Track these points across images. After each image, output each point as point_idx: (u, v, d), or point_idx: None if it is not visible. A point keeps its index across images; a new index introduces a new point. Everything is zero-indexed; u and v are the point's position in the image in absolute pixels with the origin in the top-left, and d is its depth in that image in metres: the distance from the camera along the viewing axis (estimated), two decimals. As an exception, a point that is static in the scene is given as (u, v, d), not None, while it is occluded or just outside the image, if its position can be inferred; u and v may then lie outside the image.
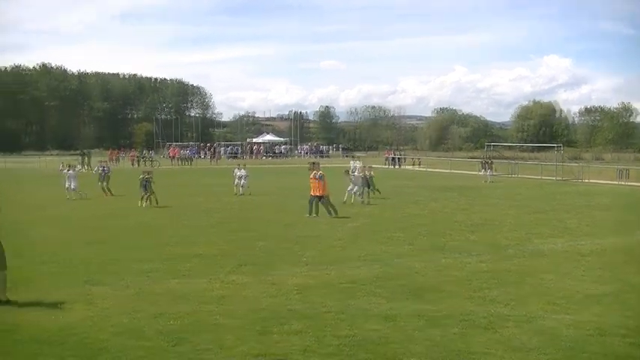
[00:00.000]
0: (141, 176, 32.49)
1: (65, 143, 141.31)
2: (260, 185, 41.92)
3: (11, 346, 10.39)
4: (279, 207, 31.25)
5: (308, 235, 22.45)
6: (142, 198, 31.62)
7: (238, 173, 37.99)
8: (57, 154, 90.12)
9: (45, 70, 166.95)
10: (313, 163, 30.35)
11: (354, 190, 33.18)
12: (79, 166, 61.58)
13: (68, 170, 36.93)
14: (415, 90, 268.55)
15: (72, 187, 35.90)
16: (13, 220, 23.64)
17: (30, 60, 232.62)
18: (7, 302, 12.89)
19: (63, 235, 22.56)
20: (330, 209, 27.33)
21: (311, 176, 27.94)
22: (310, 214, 27.09)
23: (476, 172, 60.04)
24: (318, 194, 27.44)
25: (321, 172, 28.16)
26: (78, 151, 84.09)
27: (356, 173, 34.75)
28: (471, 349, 10.20)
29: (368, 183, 34.24)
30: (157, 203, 31.47)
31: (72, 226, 24.84)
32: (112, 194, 37.58)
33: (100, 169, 40.26)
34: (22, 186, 44.09)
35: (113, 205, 32.13)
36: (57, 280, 15.28)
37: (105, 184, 38.53)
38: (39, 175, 57.42)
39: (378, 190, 35.79)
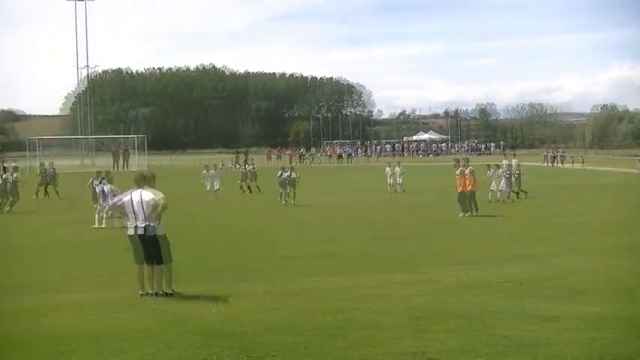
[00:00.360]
0: (280, 173, 32.80)
1: (227, 142, 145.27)
2: (414, 183, 41.81)
3: (181, 335, 10.82)
4: (432, 205, 31.04)
5: (458, 233, 22.25)
6: (281, 196, 32.09)
7: (392, 171, 37.99)
8: (218, 152, 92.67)
9: (207, 70, 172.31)
10: (459, 159, 29.97)
11: (500, 188, 32.57)
12: (230, 165, 63.18)
13: (209, 170, 37.94)
14: (574, 86, 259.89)
15: (215, 186, 36.91)
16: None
17: (192, 61, 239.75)
18: (172, 294, 13.48)
19: (211, 233, 23.31)
20: (473, 207, 26.97)
21: (457, 173, 27.63)
22: (465, 213, 26.80)
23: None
24: (465, 190, 27.09)
25: (470, 167, 27.79)
26: (242, 150, 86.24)
27: (499, 172, 33.94)
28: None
29: (514, 182, 33.49)
30: (294, 200, 31.81)
31: (220, 224, 25.56)
32: (257, 190, 38.68)
33: (250, 167, 41.30)
34: (182, 182, 45.87)
35: (257, 203, 32.90)
36: (214, 275, 15.81)
37: (249, 182, 39.62)
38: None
39: (524, 191, 34.76)
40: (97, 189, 26.68)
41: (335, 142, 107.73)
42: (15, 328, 11.51)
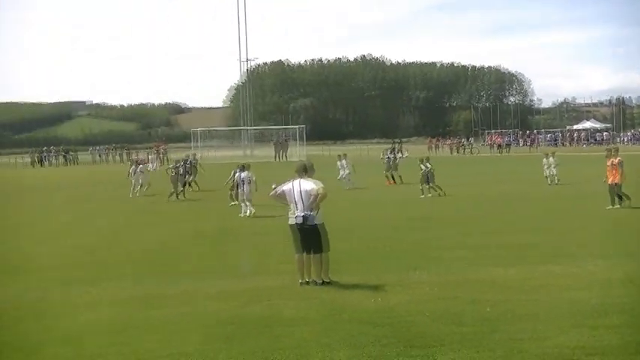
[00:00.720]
0: (421, 166, 32.27)
1: (385, 132, 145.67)
2: (573, 174, 40.37)
3: (339, 323, 10.95)
4: (587, 197, 29.78)
5: (611, 224, 21.44)
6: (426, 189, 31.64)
7: (548, 162, 36.94)
8: (377, 142, 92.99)
9: (366, 61, 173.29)
10: (610, 149, 28.64)
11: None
12: (381, 155, 63.38)
13: (341, 160, 38.06)
14: None
15: (343, 175, 37.02)
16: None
17: (351, 52, 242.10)
18: (329, 283, 13.62)
19: (379, 220, 23.32)
20: (624, 197, 25.79)
21: (608, 163, 26.47)
22: (613, 205, 25.70)
23: None
24: (615, 182, 25.97)
25: (619, 158, 26.57)
26: (397, 140, 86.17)
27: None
28: None
29: None
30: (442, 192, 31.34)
31: (385, 211, 25.55)
32: (399, 181, 38.59)
33: (399, 156, 41.35)
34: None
35: (396, 195, 32.75)
36: (380, 264, 15.86)
37: (392, 172, 39.59)
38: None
39: None
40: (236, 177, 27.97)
41: (494, 131, 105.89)
42: (190, 312, 12.00)
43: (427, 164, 32.03)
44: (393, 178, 39.99)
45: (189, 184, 36.92)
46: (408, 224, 22.75)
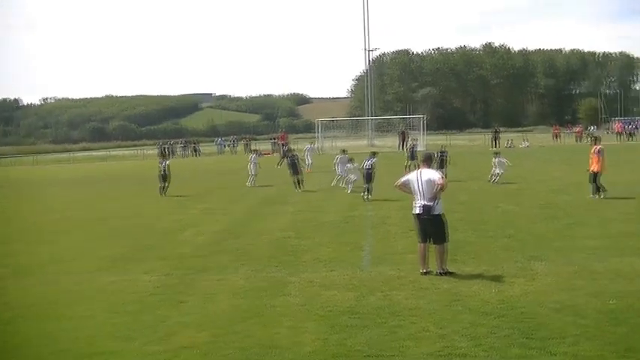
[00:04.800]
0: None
1: (512, 120, 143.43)
2: None
3: (456, 314, 10.96)
4: None
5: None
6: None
7: None
8: (503, 131, 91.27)
9: (490, 49, 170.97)
10: (595, 137, 27.80)
11: None
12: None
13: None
14: None
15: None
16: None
17: (475, 40, 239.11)
18: (448, 273, 13.59)
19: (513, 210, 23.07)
20: (600, 189, 24.75)
21: (591, 151, 25.58)
22: (593, 195, 24.81)
23: None
24: (594, 170, 25.04)
25: (600, 146, 25.54)
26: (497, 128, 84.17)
27: None
28: None
29: None
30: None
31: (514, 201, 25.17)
32: None
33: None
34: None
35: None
36: (503, 254, 15.67)
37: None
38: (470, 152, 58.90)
39: None
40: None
41: (619, 119, 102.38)
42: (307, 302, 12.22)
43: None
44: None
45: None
46: (530, 213, 22.38)
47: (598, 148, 25.75)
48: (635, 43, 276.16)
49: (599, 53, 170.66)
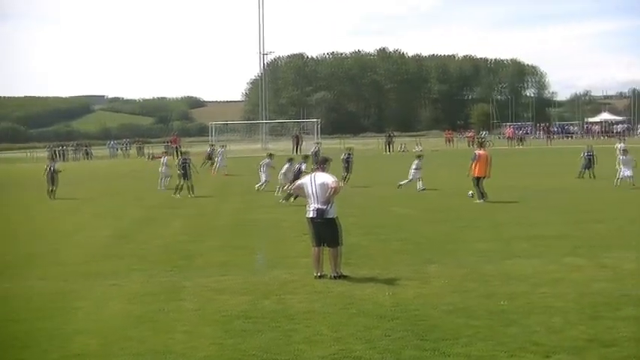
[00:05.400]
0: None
1: (403, 125, 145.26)
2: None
3: (351, 317, 10.93)
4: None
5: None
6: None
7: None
8: (397, 136, 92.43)
9: (384, 54, 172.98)
10: (480, 142, 29.06)
11: (625, 174, 30.32)
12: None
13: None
14: None
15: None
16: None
17: (369, 45, 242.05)
18: (342, 277, 13.57)
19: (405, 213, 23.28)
20: (481, 193, 25.80)
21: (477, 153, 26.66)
22: (475, 197, 25.92)
23: None
24: (476, 175, 26.09)
25: (480, 151, 26.65)
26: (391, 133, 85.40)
27: (622, 156, 31.38)
28: None
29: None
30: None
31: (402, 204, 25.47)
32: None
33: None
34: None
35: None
36: (396, 257, 15.77)
37: None
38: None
39: None
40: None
41: (509, 124, 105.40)
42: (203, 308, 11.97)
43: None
44: None
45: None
46: (423, 216, 22.69)
47: (478, 152, 26.39)
48: (525, 50, 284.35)
49: (492, 60, 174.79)
